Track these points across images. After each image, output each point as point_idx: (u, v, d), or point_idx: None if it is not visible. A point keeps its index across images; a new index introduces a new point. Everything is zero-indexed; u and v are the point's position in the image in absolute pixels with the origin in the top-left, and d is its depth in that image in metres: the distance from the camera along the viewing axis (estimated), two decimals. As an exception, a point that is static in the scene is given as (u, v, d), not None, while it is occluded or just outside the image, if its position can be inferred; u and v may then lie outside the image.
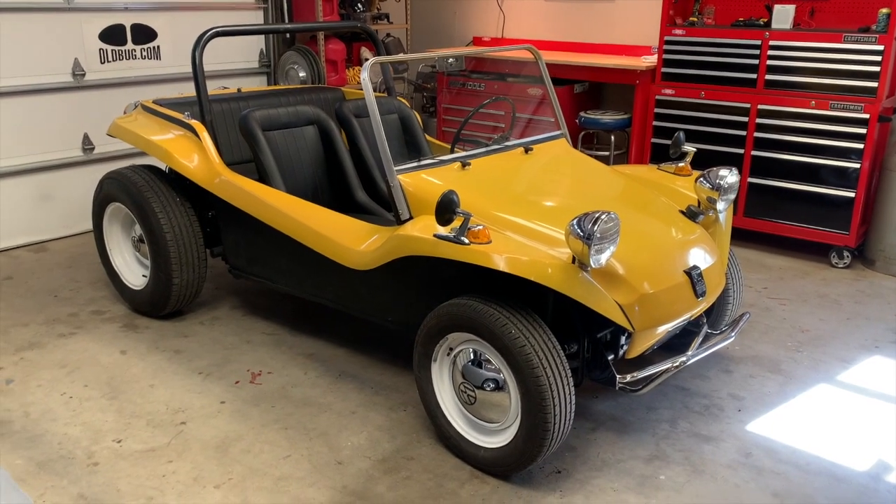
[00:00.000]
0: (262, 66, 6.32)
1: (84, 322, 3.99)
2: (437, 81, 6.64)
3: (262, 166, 3.61)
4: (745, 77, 4.98)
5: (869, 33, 4.53)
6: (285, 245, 3.44)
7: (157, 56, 5.58)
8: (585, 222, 2.49)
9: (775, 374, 3.53)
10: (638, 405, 3.24)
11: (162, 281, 3.80)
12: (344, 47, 6.37)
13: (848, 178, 4.70)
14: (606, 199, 3.30)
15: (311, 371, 3.51)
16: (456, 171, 3.19)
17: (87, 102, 5.26)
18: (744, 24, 5.05)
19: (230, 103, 4.21)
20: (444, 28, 7.34)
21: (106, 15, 5.26)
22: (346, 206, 3.79)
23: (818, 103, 4.72)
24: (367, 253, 3.06)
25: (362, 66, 6.53)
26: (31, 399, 3.25)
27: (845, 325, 4.04)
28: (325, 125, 3.88)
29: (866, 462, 2.89)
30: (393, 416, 3.15)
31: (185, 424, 3.08)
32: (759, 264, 4.89)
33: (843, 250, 4.84)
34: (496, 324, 2.55)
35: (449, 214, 2.60)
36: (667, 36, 5.26)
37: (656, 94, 5.36)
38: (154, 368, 3.51)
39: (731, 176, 3.16)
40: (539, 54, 3.75)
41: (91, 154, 5.34)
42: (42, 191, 5.18)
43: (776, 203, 4.98)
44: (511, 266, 2.54)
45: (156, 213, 3.73)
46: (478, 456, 2.78)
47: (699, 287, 2.88)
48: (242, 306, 4.21)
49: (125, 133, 4.02)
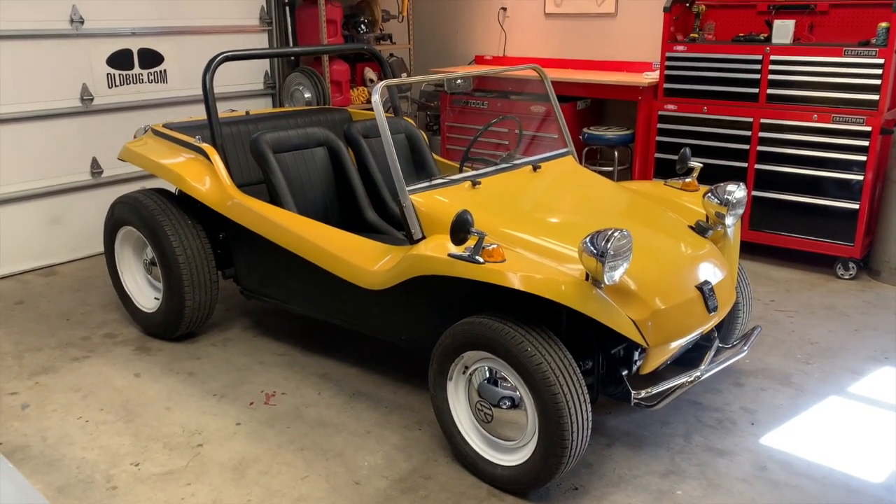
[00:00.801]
0: (268, 88, 6.38)
1: (97, 345, 4.01)
2: (441, 100, 6.70)
3: (274, 188, 3.65)
4: (747, 91, 5.03)
5: (869, 47, 4.58)
6: (298, 266, 3.47)
7: (164, 80, 5.63)
8: (599, 240, 2.52)
9: (786, 386, 3.55)
10: (651, 420, 3.26)
11: (175, 303, 3.83)
12: (348, 68, 6.43)
13: (851, 189, 4.74)
14: (616, 215, 3.33)
15: (325, 391, 3.53)
16: (467, 191, 3.23)
17: (96, 127, 5.31)
18: (744, 40, 5.11)
19: (239, 126, 4.26)
20: (447, 47, 7.41)
21: (113, 40, 5.32)
22: (357, 226, 3.82)
23: (820, 117, 4.77)
24: (382, 273, 3.09)
25: (367, 86, 6.64)
26: (48, 424, 3.27)
27: (854, 336, 4.06)
28: (335, 146, 3.92)
29: (881, 474, 2.91)
30: (408, 435, 3.16)
31: (202, 447, 3.09)
32: (765, 277, 4.92)
33: (848, 262, 4.87)
34: (512, 342, 2.58)
35: (463, 234, 2.62)
36: (668, 52, 5.31)
37: (659, 110, 5.41)
38: (169, 391, 3.53)
39: (739, 191, 3.20)
40: (545, 74, 3.80)
41: (99, 178, 5.38)
42: (51, 215, 5.21)
43: (781, 216, 5.02)
44: (527, 284, 2.57)
45: (168, 236, 3.76)
46: (495, 474, 2.80)
47: (711, 302, 2.91)
48: (253, 327, 4.23)
49: (136, 157, 4.06)
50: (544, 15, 6.70)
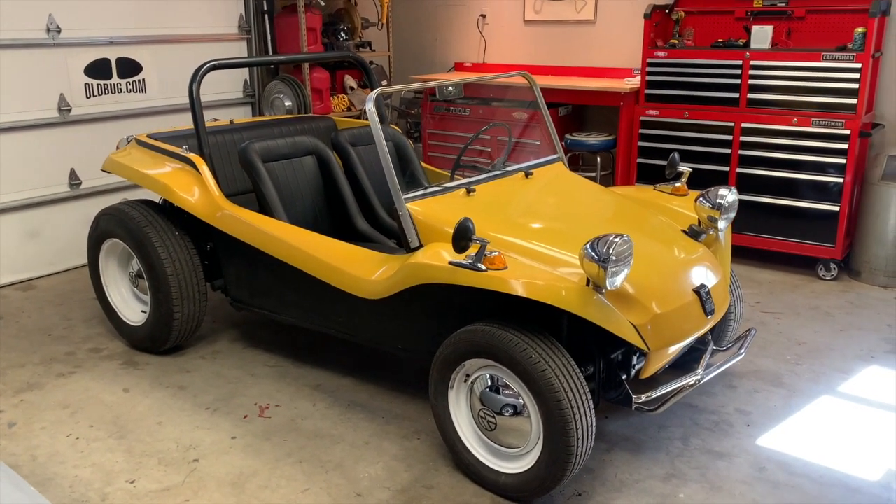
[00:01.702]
0: (247, 96, 6.32)
1: (82, 360, 3.92)
2: (422, 107, 6.69)
3: (264, 197, 3.61)
4: (727, 97, 5.10)
5: (846, 52, 4.67)
6: (290, 276, 3.43)
7: (143, 89, 5.55)
8: (600, 245, 2.52)
9: (778, 387, 3.59)
10: (649, 424, 3.27)
11: (163, 315, 3.76)
12: (329, 76, 6.40)
13: (831, 192, 4.82)
14: (610, 220, 3.34)
15: (320, 402, 3.49)
16: (462, 198, 3.22)
17: (74, 137, 5.21)
18: (724, 45, 5.18)
19: (224, 135, 4.20)
20: (426, 54, 7.41)
21: (90, 50, 5.23)
22: (347, 235, 3.79)
23: (800, 120, 4.85)
24: (380, 282, 3.07)
25: (347, 93, 6.61)
26: (37, 442, 3.19)
27: (840, 336, 4.12)
28: (324, 155, 3.89)
29: (877, 472, 2.95)
30: (407, 445, 3.14)
31: (198, 462, 3.03)
32: (749, 279, 4.98)
33: (829, 263, 4.95)
34: (515, 349, 2.57)
35: (465, 242, 2.62)
36: (649, 58, 5.37)
37: (641, 115, 5.46)
38: (160, 405, 3.47)
39: (731, 195, 3.23)
40: (534, 81, 3.82)
41: (78, 189, 5.28)
42: (28, 228, 5.10)
43: (763, 218, 5.08)
44: (529, 291, 2.57)
45: (155, 247, 3.70)
46: (498, 482, 2.78)
47: (708, 305, 2.93)
48: (242, 339, 4.17)
49: (121, 168, 3.99)
50: (524, 22, 6.73)
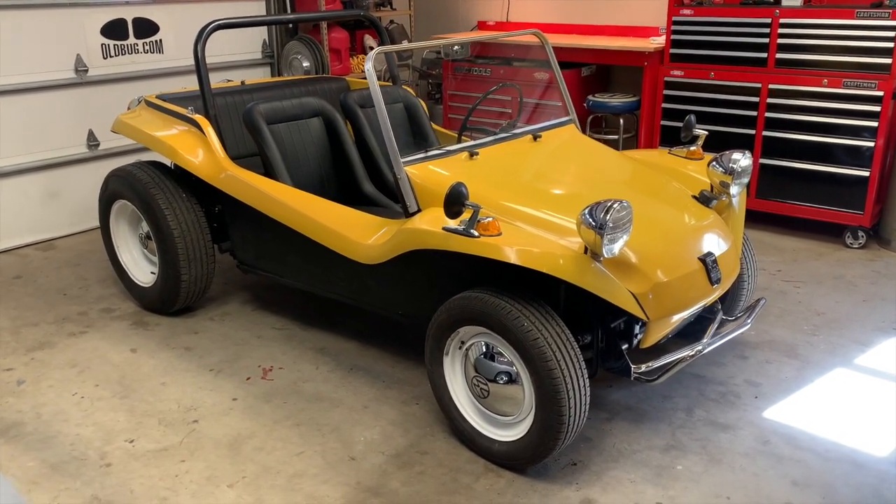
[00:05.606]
0: (266, 57, 6.27)
1: (94, 320, 3.97)
2: (443, 68, 6.57)
3: (268, 160, 3.57)
4: (755, 56, 4.90)
5: (882, 8, 4.43)
6: (293, 240, 3.40)
7: (160, 50, 5.53)
8: (597, 211, 2.44)
9: (792, 358, 3.48)
10: (653, 394, 3.21)
11: (170, 277, 3.78)
12: (347, 36, 6.31)
13: (862, 156, 4.62)
14: (617, 185, 3.25)
15: (323, 366, 3.49)
16: (464, 161, 3.15)
17: (91, 98, 5.23)
18: (753, 3, 4.95)
19: (234, 96, 4.17)
20: (448, 13, 7.25)
21: (107, 9, 5.21)
22: (354, 198, 3.75)
23: (830, 81, 4.64)
24: (376, 247, 3.03)
25: (367, 54, 6.51)
26: (43, 400, 3.25)
27: (861, 306, 3.98)
28: (331, 116, 3.84)
29: (886, 448, 2.85)
30: (406, 410, 3.12)
31: (198, 423, 3.06)
32: (772, 246, 4.83)
33: (857, 230, 4.77)
34: (508, 317, 2.52)
35: (458, 207, 2.55)
36: (675, 16, 5.17)
37: (665, 76, 5.28)
38: (165, 366, 3.50)
39: (744, 159, 3.10)
40: (545, 39, 3.69)
41: (96, 150, 5.31)
42: (48, 189, 5.16)
43: (789, 184, 4.91)
44: (522, 258, 2.50)
45: (162, 209, 3.70)
46: (492, 449, 2.76)
47: (714, 274, 2.83)
48: (252, 301, 4.18)
49: (129, 129, 3.99)
50: (548, -21, 6.54)
